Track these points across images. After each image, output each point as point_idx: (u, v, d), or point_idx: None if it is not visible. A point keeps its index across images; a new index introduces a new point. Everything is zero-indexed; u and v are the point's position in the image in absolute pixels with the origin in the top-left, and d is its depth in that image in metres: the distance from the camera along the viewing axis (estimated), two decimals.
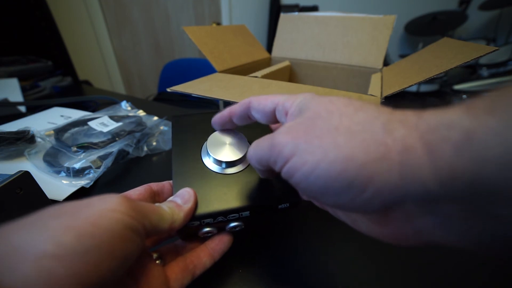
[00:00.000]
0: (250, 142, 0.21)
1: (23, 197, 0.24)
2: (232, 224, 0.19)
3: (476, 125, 0.09)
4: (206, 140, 0.21)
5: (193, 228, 0.18)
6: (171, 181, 0.21)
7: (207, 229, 0.18)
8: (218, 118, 0.20)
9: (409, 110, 0.11)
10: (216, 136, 0.21)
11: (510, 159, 0.08)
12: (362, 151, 0.11)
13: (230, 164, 0.20)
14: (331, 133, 0.12)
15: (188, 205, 0.17)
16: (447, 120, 0.09)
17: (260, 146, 0.15)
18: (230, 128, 0.21)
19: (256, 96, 0.17)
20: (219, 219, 0.18)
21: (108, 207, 0.13)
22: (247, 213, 0.18)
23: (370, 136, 0.11)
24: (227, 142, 0.21)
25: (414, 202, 0.11)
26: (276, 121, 0.17)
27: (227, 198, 0.18)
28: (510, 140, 0.08)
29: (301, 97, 0.15)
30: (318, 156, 0.11)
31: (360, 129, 0.11)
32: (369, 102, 0.12)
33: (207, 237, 0.20)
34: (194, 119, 0.24)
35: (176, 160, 0.20)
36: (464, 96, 1.42)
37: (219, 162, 0.20)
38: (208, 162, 0.20)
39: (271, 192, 0.19)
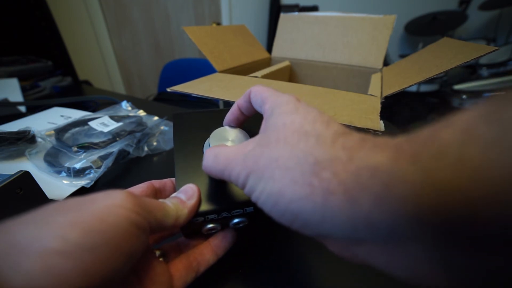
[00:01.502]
0: (251, 138, 0.21)
1: (23, 197, 0.24)
2: (236, 220, 0.19)
3: (395, 176, 0.09)
4: (208, 137, 0.21)
5: (197, 224, 0.18)
6: (173, 179, 0.21)
7: (211, 225, 0.18)
8: (229, 114, 0.20)
9: (351, 142, 0.11)
10: (218, 132, 0.21)
11: (421, 216, 0.08)
12: (290, 188, 0.11)
13: None
14: (271, 166, 0.12)
15: (192, 201, 0.17)
16: (372, 165, 0.10)
17: (218, 165, 0.15)
18: (243, 122, 0.21)
19: (256, 86, 0.18)
20: (223, 214, 0.18)
21: (114, 203, 0.13)
22: (251, 208, 0.18)
23: (299, 174, 0.11)
24: (230, 139, 0.20)
25: (339, 238, 0.11)
26: None
27: (231, 194, 0.18)
28: (424, 195, 0.08)
29: (274, 104, 0.15)
30: (260, 188, 0.13)
31: (293, 165, 0.12)
32: (319, 125, 0.13)
33: (210, 234, 0.20)
34: (196, 116, 0.24)
35: (179, 157, 0.20)
36: (464, 96, 1.41)
37: None
38: None
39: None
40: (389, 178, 0.09)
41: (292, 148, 0.12)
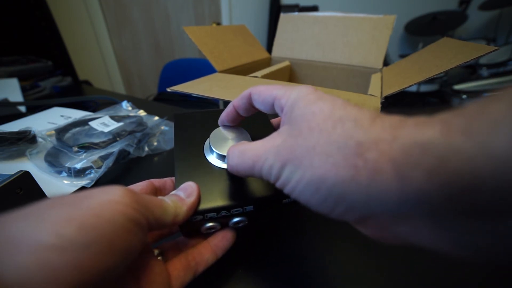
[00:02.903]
0: (252, 137, 0.21)
1: (23, 197, 0.24)
2: (236, 219, 0.19)
3: (450, 149, 0.09)
4: (208, 136, 0.21)
5: (196, 223, 0.18)
6: (173, 178, 0.21)
7: (210, 224, 0.18)
8: (225, 115, 0.20)
9: (389, 122, 0.11)
10: (218, 131, 0.21)
11: (478, 187, 0.08)
12: (333, 173, 0.11)
13: None
14: (309, 153, 0.12)
15: (191, 199, 0.17)
16: (423, 141, 0.10)
17: (246, 161, 0.15)
18: (239, 122, 0.21)
19: (256, 87, 0.18)
20: (222, 213, 0.18)
21: (111, 199, 0.12)
22: (251, 207, 0.18)
23: (341, 158, 0.11)
24: (230, 138, 0.21)
25: (383, 216, 0.11)
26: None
27: (231, 193, 0.18)
28: (480, 166, 0.08)
29: (293, 97, 0.15)
30: (298, 176, 0.13)
31: (334, 150, 0.12)
32: (350, 110, 0.13)
33: (210, 233, 0.20)
34: (197, 116, 0.24)
35: (179, 156, 0.20)
36: (464, 96, 1.42)
37: (222, 157, 0.20)
38: (211, 158, 0.20)
39: (276, 186, 0.19)
40: (443, 153, 0.09)
41: (329, 134, 0.12)
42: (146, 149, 0.40)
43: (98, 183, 0.33)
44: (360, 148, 0.11)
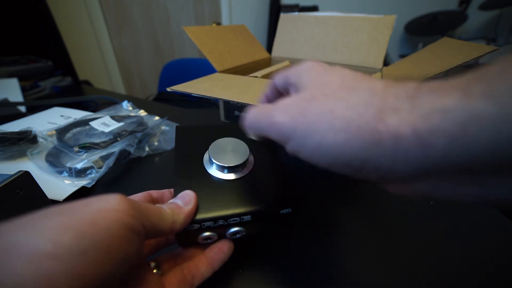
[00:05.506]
0: (250, 150, 0.21)
1: (23, 197, 0.24)
2: (233, 230, 0.19)
3: (472, 114, 0.09)
4: (208, 148, 0.21)
5: (193, 232, 0.18)
6: (171, 190, 0.22)
7: (207, 233, 0.18)
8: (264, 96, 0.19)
9: (404, 91, 0.11)
10: (218, 143, 0.21)
11: (500, 151, 0.08)
12: (357, 137, 0.11)
13: (232, 169, 0.20)
14: (327, 117, 0.12)
15: (189, 207, 0.17)
16: (443, 108, 0.09)
17: (258, 119, 0.15)
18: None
19: (276, 74, 0.18)
20: (219, 222, 0.18)
21: (108, 206, 0.13)
22: (248, 217, 0.18)
23: (364, 123, 0.11)
24: (229, 149, 0.21)
25: (407, 175, 0.11)
26: None
27: (229, 202, 0.18)
28: (503, 131, 0.08)
29: (300, 68, 0.16)
30: (316, 140, 0.12)
31: (354, 115, 0.11)
32: (361, 80, 0.13)
33: (206, 244, 0.19)
34: (198, 130, 0.24)
35: (178, 168, 0.21)
36: None
37: (221, 168, 0.20)
38: (211, 169, 0.20)
39: (274, 197, 0.19)
40: (464, 118, 0.09)
41: (347, 101, 0.12)
42: (147, 149, 0.40)
43: (99, 183, 0.33)
44: (381, 113, 0.11)
